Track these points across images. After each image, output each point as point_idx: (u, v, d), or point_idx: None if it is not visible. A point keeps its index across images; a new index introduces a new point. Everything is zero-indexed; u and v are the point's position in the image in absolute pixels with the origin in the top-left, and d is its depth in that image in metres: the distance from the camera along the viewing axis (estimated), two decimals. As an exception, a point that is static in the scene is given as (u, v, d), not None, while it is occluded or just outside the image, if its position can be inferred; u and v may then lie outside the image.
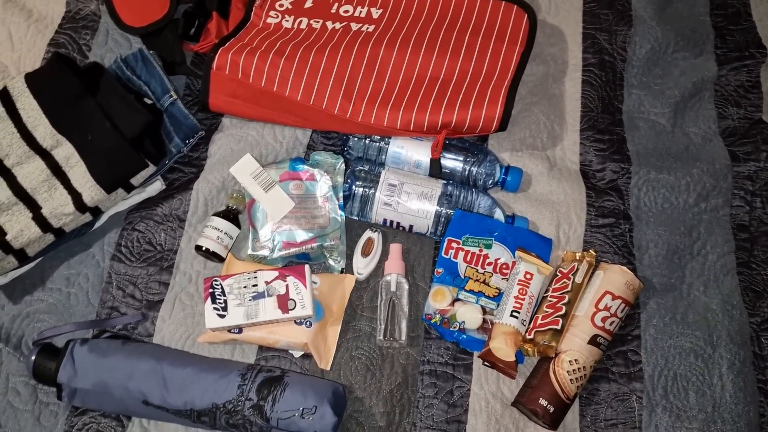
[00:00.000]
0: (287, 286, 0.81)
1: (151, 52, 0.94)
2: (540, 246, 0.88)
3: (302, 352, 0.83)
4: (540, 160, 0.94)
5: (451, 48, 0.92)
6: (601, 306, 0.81)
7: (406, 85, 0.90)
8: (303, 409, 0.74)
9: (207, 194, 0.90)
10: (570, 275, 0.84)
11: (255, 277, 0.81)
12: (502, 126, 0.88)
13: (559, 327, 0.80)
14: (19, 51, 1.00)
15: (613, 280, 0.83)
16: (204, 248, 0.85)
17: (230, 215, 0.88)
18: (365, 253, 0.87)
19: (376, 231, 0.89)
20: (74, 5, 1.04)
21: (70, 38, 1.01)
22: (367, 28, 0.96)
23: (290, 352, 0.83)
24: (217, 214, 0.87)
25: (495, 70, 0.91)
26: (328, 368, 0.82)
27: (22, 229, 0.81)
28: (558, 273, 0.85)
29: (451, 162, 0.91)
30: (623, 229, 0.91)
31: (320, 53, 0.91)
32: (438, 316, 0.84)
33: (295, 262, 0.88)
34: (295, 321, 0.81)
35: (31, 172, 0.83)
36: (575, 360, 0.79)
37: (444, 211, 0.87)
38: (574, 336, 0.80)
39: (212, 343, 0.83)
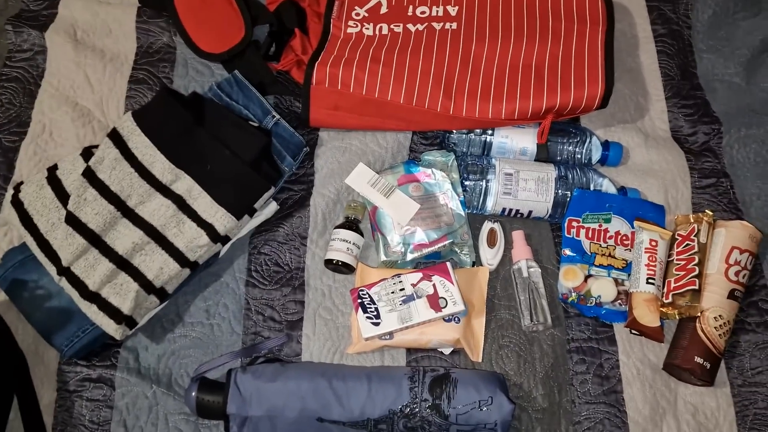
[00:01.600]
0: (434, 285, 0.82)
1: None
2: (654, 213, 0.91)
3: (451, 349, 0.84)
4: (634, 132, 0.97)
5: (537, 34, 0.94)
6: (731, 261, 0.85)
7: (503, 76, 0.92)
8: (480, 401, 0.75)
9: (324, 209, 0.91)
10: (692, 237, 0.87)
11: (400, 282, 0.82)
12: (604, 103, 0.91)
13: (696, 287, 0.83)
14: (100, 92, 0.99)
15: (737, 235, 0.86)
16: (335, 261, 0.86)
17: (352, 225, 0.88)
18: (491, 243, 0.89)
19: (495, 221, 0.90)
20: (145, 39, 1.03)
21: (149, 73, 1.00)
22: (450, 26, 0.97)
23: (439, 350, 0.84)
24: (340, 226, 0.88)
25: (584, 50, 0.93)
26: (480, 360, 0.84)
27: (161, 266, 0.80)
28: (677, 237, 0.88)
29: (554, 144, 0.93)
30: (726, 186, 0.94)
31: (415, 55, 0.93)
32: (574, 294, 0.86)
33: (423, 263, 0.89)
34: (444, 319, 0.82)
35: (156, 210, 0.83)
36: (720, 315, 0.82)
37: (561, 192, 0.89)
38: (712, 293, 0.84)
39: (362, 352, 0.84)
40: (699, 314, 0.82)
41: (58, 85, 0.99)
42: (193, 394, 0.77)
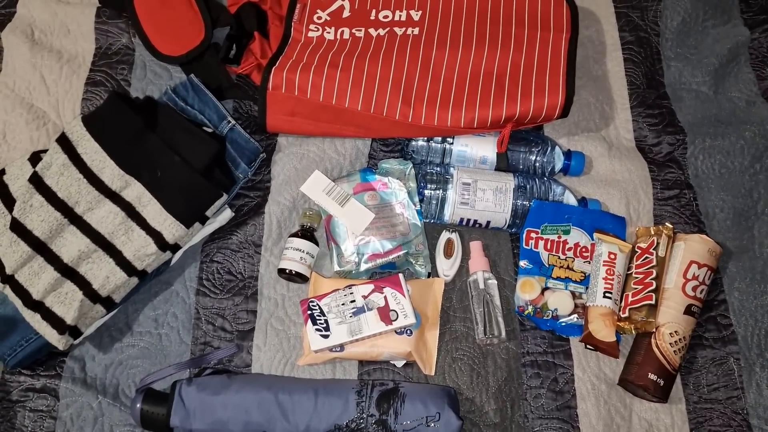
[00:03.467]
0: (385, 297, 0.80)
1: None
2: (615, 225, 0.89)
3: (404, 362, 0.83)
4: (597, 141, 0.96)
5: (500, 42, 0.93)
6: (689, 276, 0.83)
7: (463, 83, 0.91)
8: (427, 417, 0.74)
9: (279, 216, 0.89)
10: (651, 250, 0.86)
11: (351, 293, 0.81)
12: (565, 112, 0.90)
13: (653, 302, 0.82)
14: (56, 94, 0.97)
15: (696, 249, 0.85)
16: (288, 271, 0.84)
17: (307, 234, 0.87)
18: (448, 254, 0.88)
19: (453, 231, 0.89)
20: (104, 41, 1.01)
21: (107, 75, 0.98)
22: (412, 31, 0.96)
23: (392, 362, 0.83)
24: (294, 235, 0.86)
25: (546, 58, 0.92)
26: (433, 373, 0.82)
27: (107, 275, 0.79)
28: (637, 249, 0.87)
29: (515, 154, 0.92)
30: (688, 198, 0.93)
31: (374, 61, 0.91)
32: (530, 307, 0.85)
33: (378, 273, 0.87)
34: (395, 331, 0.81)
35: (105, 217, 0.81)
36: (675, 332, 0.81)
37: (520, 203, 0.88)
38: (668, 308, 0.82)
39: (312, 364, 0.82)
40: (654, 330, 0.81)
41: (14, 86, 0.98)
42: (138, 405, 0.76)
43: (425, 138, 0.92)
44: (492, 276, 0.86)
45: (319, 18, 0.98)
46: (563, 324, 0.85)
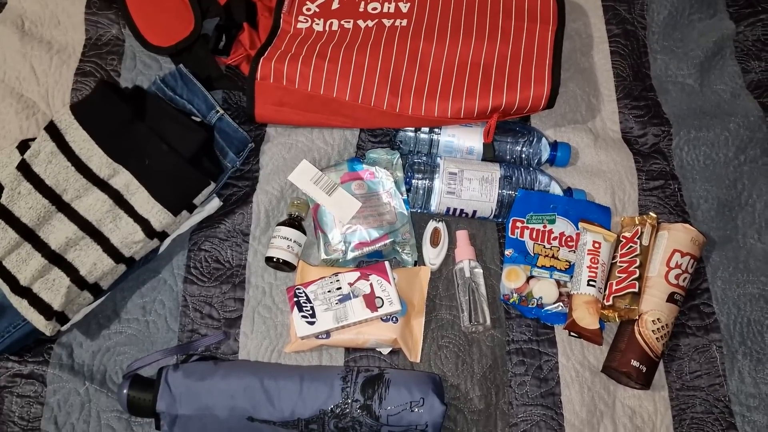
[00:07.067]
0: (371, 284, 0.81)
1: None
2: (600, 215, 0.90)
3: (390, 349, 0.84)
4: (584, 132, 0.97)
5: (487, 33, 0.94)
6: (672, 264, 0.84)
7: (450, 74, 0.91)
8: (411, 402, 0.75)
9: (267, 205, 0.90)
10: (635, 239, 0.86)
11: (337, 281, 0.81)
12: (550, 103, 0.90)
13: (636, 290, 0.83)
14: (46, 85, 0.97)
15: (679, 238, 0.86)
16: (275, 259, 0.85)
17: (295, 223, 0.88)
18: (434, 243, 0.88)
19: (439, 221, 0.90)
20: (94, 32, 1.01)
21: (97, 65, 0.99)
22: (400, 22, 0.96)
23: (378, 350, 0.84)
24: (282, 224, 0.87)
25: (533, 50, 0.92)
26: (419, 360, 0.83)
27: (94, 262, 0.79)
28: (621, 239, 0.88)
29: (502, 144, 0.93)
30: (673, 188, 0.94)
31: (362, 52, 0.92)
32: (515, 295, 0.86)
33: (365, 261, 0.88)
34: (381, 318, 0.81)
35: (93, 205, 0.82)
36: (658, 319, 0.82)
37: (506, 192, 0.89)
38: (651, 296, 0.83)
39: (299, 351, 0.83)
40: (637, 317, 0.82)
41: (4, 76, 0.98)
42: (125, 391, 0.77)
43: (413, 128, 0.93)
44: (478, 265, 0.87)
45: (308, 9, 0.99)
46: (548, 312, 0.85)
